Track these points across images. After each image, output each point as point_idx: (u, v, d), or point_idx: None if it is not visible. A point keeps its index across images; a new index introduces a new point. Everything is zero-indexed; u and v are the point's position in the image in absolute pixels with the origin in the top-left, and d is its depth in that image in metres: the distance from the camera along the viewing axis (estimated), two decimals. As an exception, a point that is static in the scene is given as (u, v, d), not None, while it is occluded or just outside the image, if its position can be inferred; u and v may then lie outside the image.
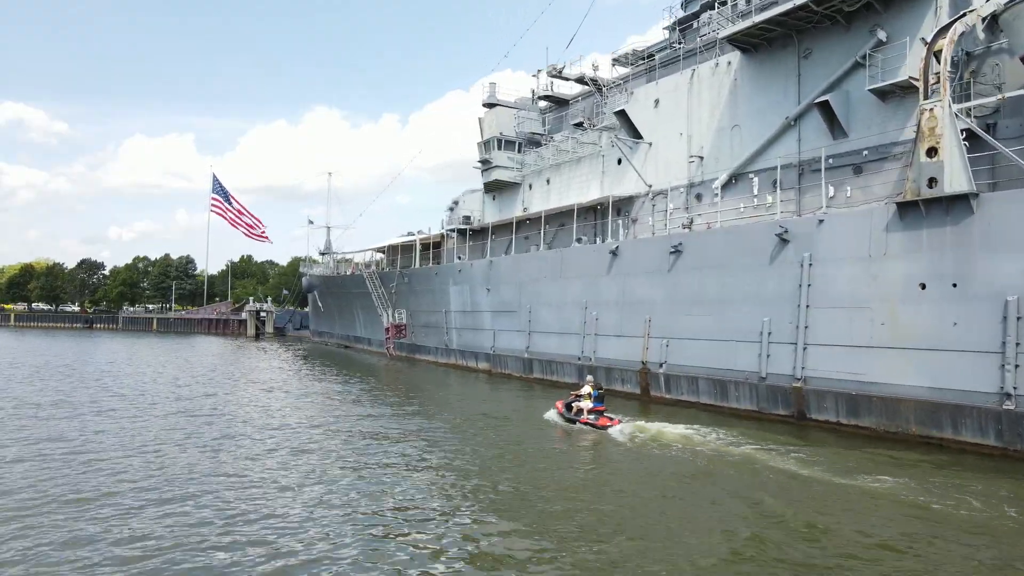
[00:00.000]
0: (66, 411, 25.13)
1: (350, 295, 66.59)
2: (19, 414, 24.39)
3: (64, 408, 25.89)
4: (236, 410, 26.99)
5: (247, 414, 26.03)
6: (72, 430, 21.29)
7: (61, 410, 25.38)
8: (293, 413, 26.58)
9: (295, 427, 23.31)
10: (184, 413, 25.47)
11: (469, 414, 27.46)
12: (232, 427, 23.00)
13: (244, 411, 26.78)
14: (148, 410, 25.90)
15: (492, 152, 41.69)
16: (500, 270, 40.13)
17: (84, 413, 24.74)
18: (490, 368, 41.23)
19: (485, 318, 41.68)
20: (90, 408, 26.03)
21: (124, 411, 25.50)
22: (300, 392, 33.18)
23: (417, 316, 51.71)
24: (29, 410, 25.26)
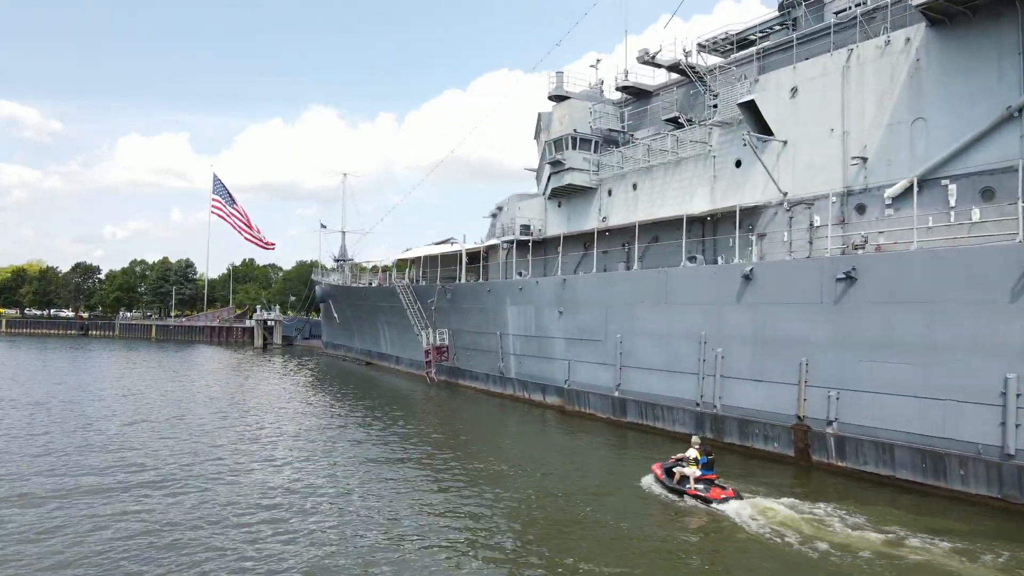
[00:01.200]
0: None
1: (374, 307, 60.02)
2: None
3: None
4: (252, 476, 21.22)
5: (267, 485, 20.26)
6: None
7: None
8: (322, 477, 21.27)
9: (325, 506, 18.41)
10: (187, 490, 19.65)
11: (543, 471, 22.60)
12: (249, 511, 17.56)
13: (263, 478, 20.98)
14: (146, 495, 19.40)
15: (565, 152, 35.21)
16: (578, 290, 33.74)
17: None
18: (563, 404, 34.85)
19: (556, 345, 35.29)
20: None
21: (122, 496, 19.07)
22: (328, 438, 26.91)
23: (460, 337, 45.26)
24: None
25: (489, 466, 23.34)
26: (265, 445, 26.13)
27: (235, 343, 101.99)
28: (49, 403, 35.26)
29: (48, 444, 25.35)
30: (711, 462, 19.19)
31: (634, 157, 32.83)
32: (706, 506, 17.88)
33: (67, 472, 21.23)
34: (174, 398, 38.50)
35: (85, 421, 30.07)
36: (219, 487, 20.05)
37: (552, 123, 36.50)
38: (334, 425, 30.73)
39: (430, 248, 52.47)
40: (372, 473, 22.07)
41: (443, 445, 26.87)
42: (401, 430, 29.81)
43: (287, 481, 20.84)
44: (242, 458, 23.71)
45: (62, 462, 22.53)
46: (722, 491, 18.11)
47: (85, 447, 24.83)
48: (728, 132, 28.73)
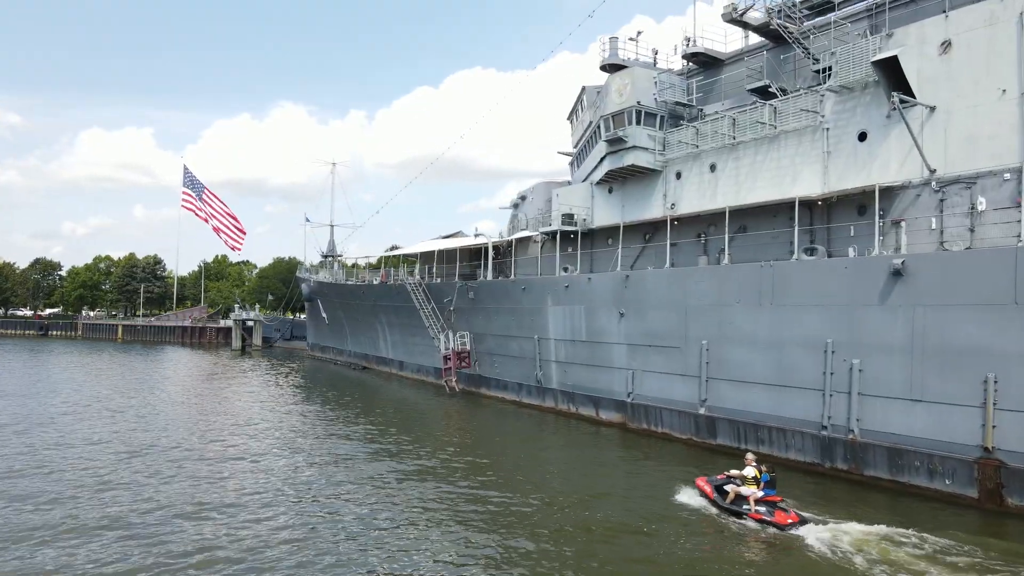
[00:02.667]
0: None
1: (373, 307, 53.86)
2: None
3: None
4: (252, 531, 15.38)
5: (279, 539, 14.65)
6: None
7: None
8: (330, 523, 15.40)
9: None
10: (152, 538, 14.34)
11: (617, 511, 17.53)
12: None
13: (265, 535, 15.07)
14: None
15: (627, 128, 29.75)
16: (646, 289, 28.35)
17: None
18: (624, 421, 29.43)
19: (615, 352, 29.85)
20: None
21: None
22: (337, 472, 20.82)
23: (484, 341, 39.56)
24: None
25: (545, 501, 18.06)
26: (260, 484, 20.14)
27: (209, 345, 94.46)
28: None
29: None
30: (774, 480, 16.93)
31: (716, 132, 27.54)
32: (781, 532, 15.57)
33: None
34: (137, 416, 31.99)
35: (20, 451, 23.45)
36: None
37: (608, 95, 30.95)
38: (341, 453, 24.56)
39: (443, 242, 46.50)
40: (399, 514, 16.38)
41: (479, 473, 21.35)
42: (427, 452, 24.03)
43: (301, 528, 15.04)
44: (235, 510, 17.69)
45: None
46: (786, 515, 15.93)
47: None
48: (848, 99, 23.59)
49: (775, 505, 16.45)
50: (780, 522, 15.85)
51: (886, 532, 15.48)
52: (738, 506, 16.73)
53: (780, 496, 16.76)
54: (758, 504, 16.44)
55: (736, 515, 16.62)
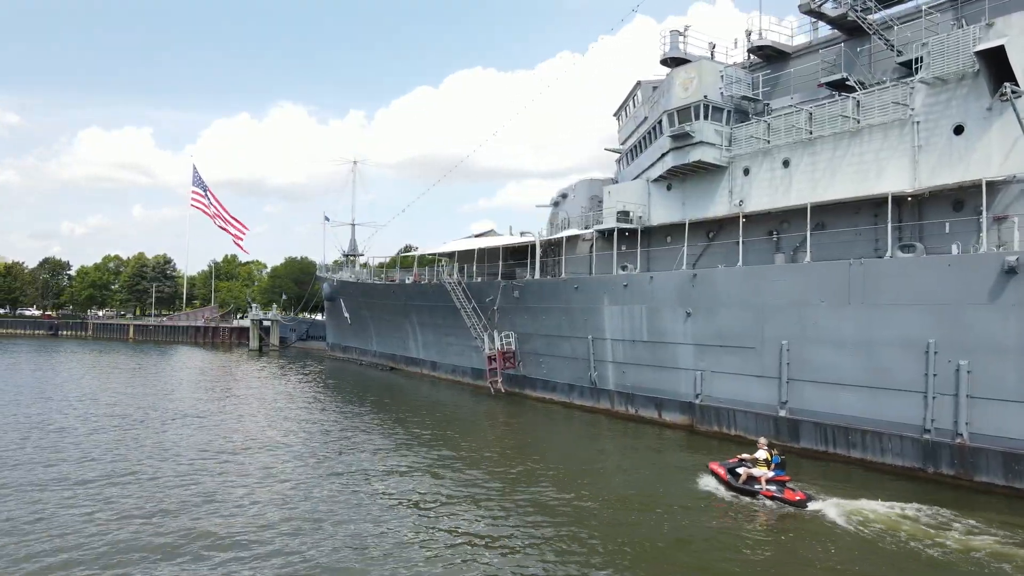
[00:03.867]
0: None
1: (404, 307, 52.74)
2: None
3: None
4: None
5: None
6: None
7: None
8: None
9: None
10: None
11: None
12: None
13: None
14: None
15: (694, 123, 28.73)
16: (716, 287, 27.38)
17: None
18: (691, 423, 28.45)
19: (681, 353, 28.87)
20: None
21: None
22: (382, 479, 19.71)
23: (529, 341, 38.51)
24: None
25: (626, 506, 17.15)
26: (308, 488, 19.07)
27: (222, 344, 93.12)
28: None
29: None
30: (783, 462, 18.44)
31: (793, 127, 26.54)
32: (792, 507, 17.07)
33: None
34: (163, 421, 30.92)
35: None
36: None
37: (672, 90, 29.95)
38: (385, 452, 23.65)
39: (483, 240, 45.41)
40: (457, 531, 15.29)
41: (544, 479, 20.23)
42: (490, 458, 22.99)
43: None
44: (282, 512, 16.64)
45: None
46: (793, 494, 17.34)
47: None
48: (942, 91, 22.64)
49: (784, 484, 17.73)
50: (789, 499, 17.20)
51: (897, 509, 16.83)
52: (750, 486, 18.06)
53: (789, 476, 18.12)
54: (769, 484, 17.79)
55: (749, 494, 17.98)
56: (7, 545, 14.22)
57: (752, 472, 18.23)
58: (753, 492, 17.95)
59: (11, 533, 14.92)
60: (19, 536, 14.74)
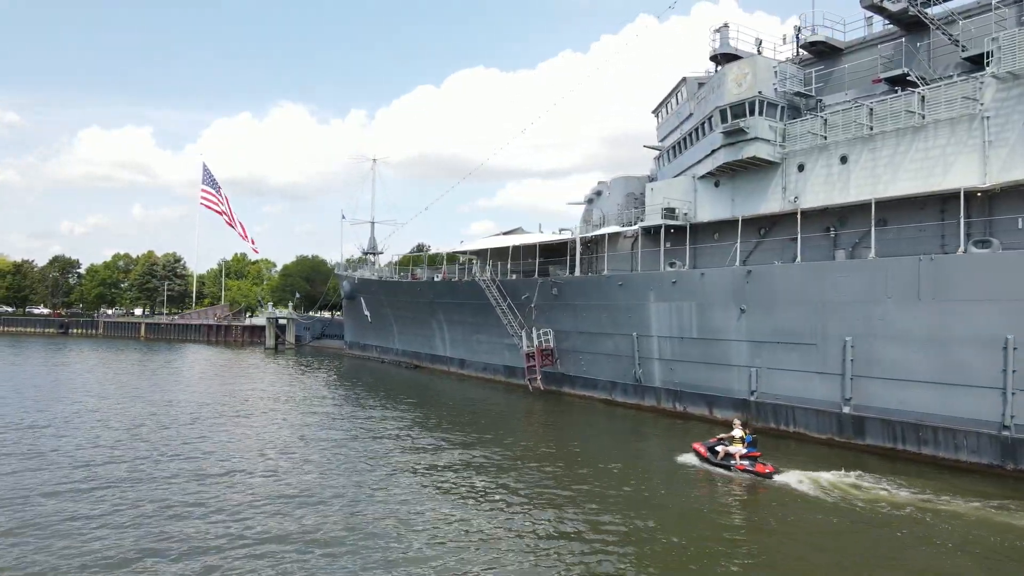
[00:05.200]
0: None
1: (430, 305, 52.33)
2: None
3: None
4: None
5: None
6: None
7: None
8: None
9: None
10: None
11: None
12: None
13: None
14: None
15: (748, 119, 28.41)
16: (773, 284, 27.07)
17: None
18: (745, 420, 28.03)
19: (734, 349, 28.57)
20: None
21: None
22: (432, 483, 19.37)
23: (568, 338, 38.17)
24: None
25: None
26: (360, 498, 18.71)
27: (235, 343, 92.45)
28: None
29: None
30: (755, 440, 21.04)
31: (854, 122, 26.23)
32: (762, 479, 19.38)
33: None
34: (212, 421, 30.52)
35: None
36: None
37: (724, 85, 29.65)
38: (439, 450, 23.34)
39: (517, 237, 45.02)
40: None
41: (601, 479, 19.86)
42: (542, 457, 22.67)
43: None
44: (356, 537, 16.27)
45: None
46: (765, 467, 19.69)
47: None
48: (1014, 86, 22.35)
49: (755, 460, 20.15)
50: (760, 472, 19.63)
51: (852, 478, 19.44)
52: (726, 462, 20.43)
53: (760, 452, 20.59)
54: (742, 459, 20.19)
55: (725, 468, 20.35)
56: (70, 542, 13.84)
57: (729, 449, 20.58)
58: (728, 466, 20.29)
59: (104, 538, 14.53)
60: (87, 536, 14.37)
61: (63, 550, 13.44)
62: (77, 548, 13.56)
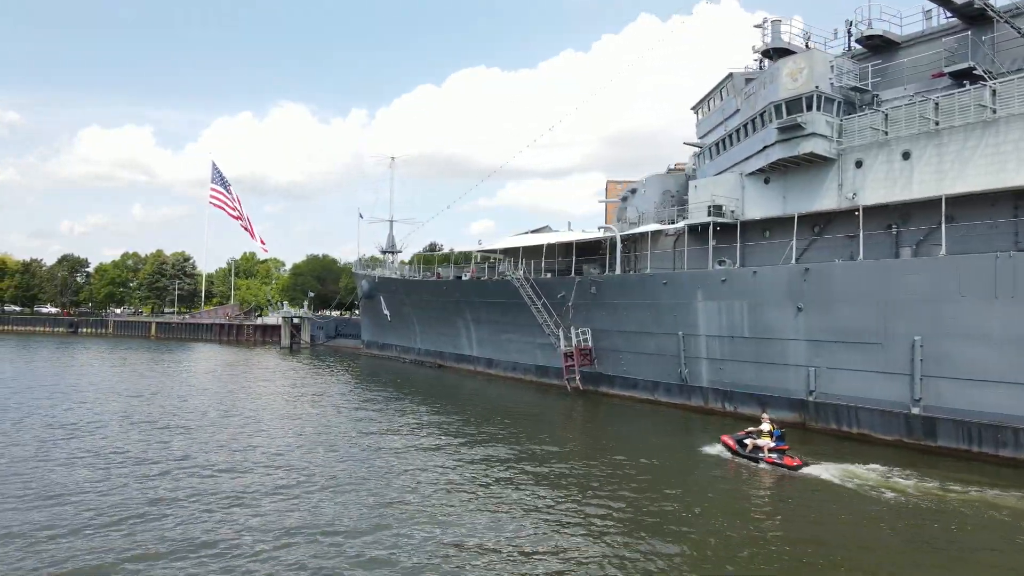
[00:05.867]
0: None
1: (456, 304, 51.56)
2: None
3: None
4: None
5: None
6: None
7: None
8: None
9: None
10: None
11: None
12: None
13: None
14: None
15: (805, 114, 27.72)
16: (832, 282, 26.38)
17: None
18: (803, 420, 27.45)
19: (790, 349, 27.87)
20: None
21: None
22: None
23: (606, 337, 37.44)
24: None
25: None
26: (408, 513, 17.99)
27: (247, 342, 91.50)
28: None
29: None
30: (783, 435, 21.32)
31: (919, 116, 25.53)
32: (790, 471, 19.92)
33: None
34: (250, 423, 29.77)
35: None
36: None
37: (778, 80, 28.94)
38: (483, 452, 22.63)
39: (552, 236, 44.22)
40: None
41: (665, 485, 19.22)
42: (594, 464, 21.99)
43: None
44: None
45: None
46: (793, 460, 20.22)
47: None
48: None
49: (784, 452, 20.60)
50: (788, 464, 20.10)
51: (882, 469, 19.99)
52: (755, 455, 20.91)
53: (788, 446, 20.95)
54: (771, 452, 20.60)
55: (754, 461, 20.85)
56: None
57: (757, 442, 21.09)
58: (757, 459, 20.82)
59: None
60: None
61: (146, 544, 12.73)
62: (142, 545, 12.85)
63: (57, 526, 14.27)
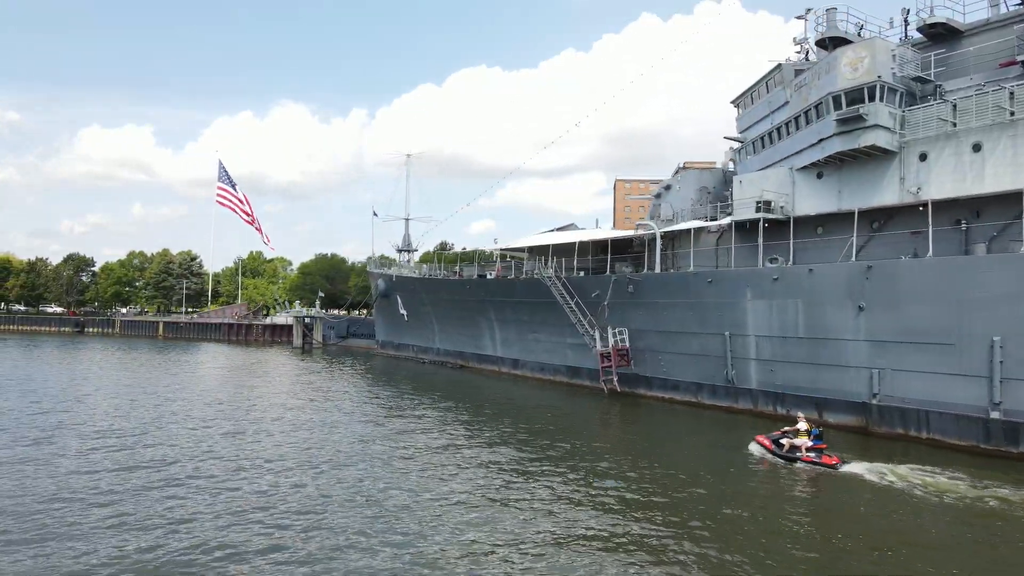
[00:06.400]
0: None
1: (480, 303, 50.20)
2: None
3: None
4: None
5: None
6: None
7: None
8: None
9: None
10: None
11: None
12: None
13: None
14: None
15: (867, 105, 26.42)
16: (898, 280, 25.06)
17: None
18: (864, 425, 26.16)
19: (850, 349, 26.57)
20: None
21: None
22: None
23: (644, 338, 36.08)
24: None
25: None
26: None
27: (256, 342, 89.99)
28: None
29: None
30: (821, 434, 21.05)
31: (991, 107, 24.24)
32: (829, 469, 19.67)
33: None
34: (288, 428, 28.41)
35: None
36: None
37: (836, 70, 27.62)
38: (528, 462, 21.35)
39: (584, 233, 42.89)
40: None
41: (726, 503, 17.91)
42: (644, 474, 20.69)
43: None
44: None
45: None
46: (832, 459, 20.00)
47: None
48: None
49: (822, 451, 20.37)
50: (826, 463, 19.85)
51: (911, 466, 19.84)
52: (792, 454, 20.68)
53: (825, 445, 20.76)
54: (808, 451, 20.35)
55: (791, 460, 20.58)
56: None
57: (794, 442, 20.86)
58: (795, 458, 20.53)
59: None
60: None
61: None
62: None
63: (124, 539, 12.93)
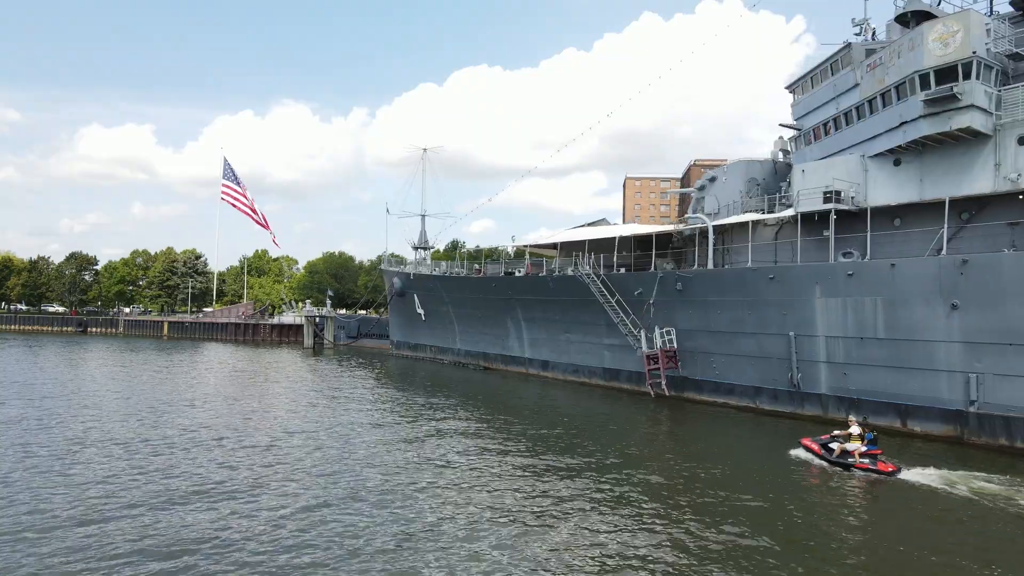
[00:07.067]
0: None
1: (507, 302, 47.56)
2: None
3: None
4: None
5: None
6: None
7: None
8: None
9: None
10: None
11: None
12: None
13: None
14: None
15: (963, 83, 23.88)
16: (1000, 276, 22.55)
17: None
18: (959, 434, 23.68)
19: (941, 351, 24.06)
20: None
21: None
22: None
23: (693, 338, 33.54)
24: None
25: None
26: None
27: (263, 342, 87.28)
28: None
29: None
30: (876, 438, 19.66)
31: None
32: (885, 476, 18.23)
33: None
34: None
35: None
36: None
37: (923, 46, 25.06)
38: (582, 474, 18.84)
39: (625, 228, 40.35)
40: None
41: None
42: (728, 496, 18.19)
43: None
44: None
45: None
46: (887, 465, 18.57)
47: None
48: None
49: (876, 457, 19.05)
50: (882, 470, 18.53)
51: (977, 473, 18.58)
52: (843, 459, 19.34)
53: (880, 450, 19.39)
54: (862, 457, 19.03)
55: (843, 467, 19.23)
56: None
57: (846, 446, 19.50)
58: (847, 464, 19.18)
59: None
60: None
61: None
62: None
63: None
